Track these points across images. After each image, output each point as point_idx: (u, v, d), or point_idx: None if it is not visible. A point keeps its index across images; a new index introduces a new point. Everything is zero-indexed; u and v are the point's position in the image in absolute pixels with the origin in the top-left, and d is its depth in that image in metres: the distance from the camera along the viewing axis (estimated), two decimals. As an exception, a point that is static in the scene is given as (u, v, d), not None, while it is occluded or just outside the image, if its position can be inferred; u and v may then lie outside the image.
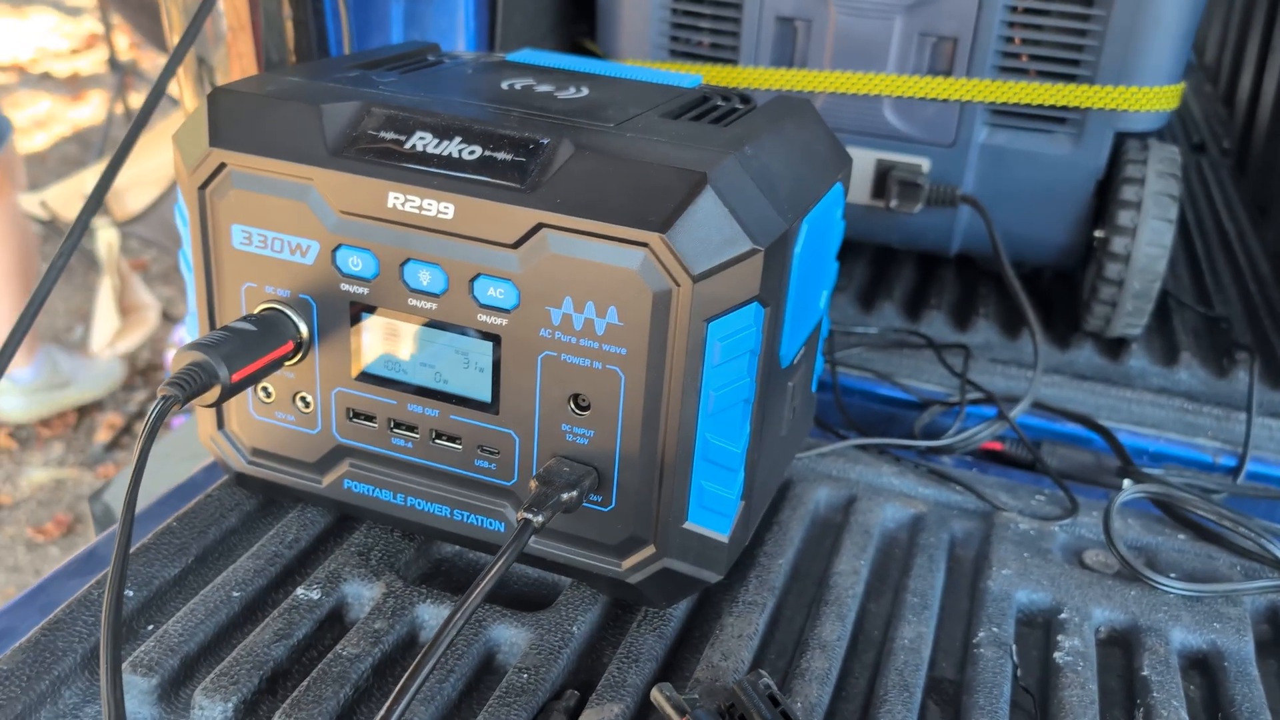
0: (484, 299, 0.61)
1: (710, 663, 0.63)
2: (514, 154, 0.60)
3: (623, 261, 0.57)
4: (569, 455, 0.62)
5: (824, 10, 1.03)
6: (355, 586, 0.68)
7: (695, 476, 0.61)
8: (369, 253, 0.62)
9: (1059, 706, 0.63)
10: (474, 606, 0.53)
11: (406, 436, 0.66)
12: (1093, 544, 0.79)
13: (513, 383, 0.62)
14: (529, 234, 0.58)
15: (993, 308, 1.15)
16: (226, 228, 0.65)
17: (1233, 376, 1.04)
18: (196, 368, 0.58)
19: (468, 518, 0.67)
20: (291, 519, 0.73)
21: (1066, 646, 0.68)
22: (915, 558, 0.76)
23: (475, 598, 0.53)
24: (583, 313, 0.59)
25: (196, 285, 0.67)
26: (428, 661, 0.51)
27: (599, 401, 0.61)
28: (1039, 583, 0.74)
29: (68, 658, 0.61)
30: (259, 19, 0.94)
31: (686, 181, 0.56)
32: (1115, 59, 0.98)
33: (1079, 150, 1.03)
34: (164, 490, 0.83)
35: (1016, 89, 1.01)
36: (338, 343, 0.65)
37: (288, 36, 0.97)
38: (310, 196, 0.62)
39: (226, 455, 0.71)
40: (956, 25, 1.00)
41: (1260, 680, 0.67)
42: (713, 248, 0.56)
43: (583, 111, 0.65)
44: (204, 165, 0.64)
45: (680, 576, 0.64)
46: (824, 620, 0.68)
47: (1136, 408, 1.03)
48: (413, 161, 0.60)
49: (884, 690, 0.63)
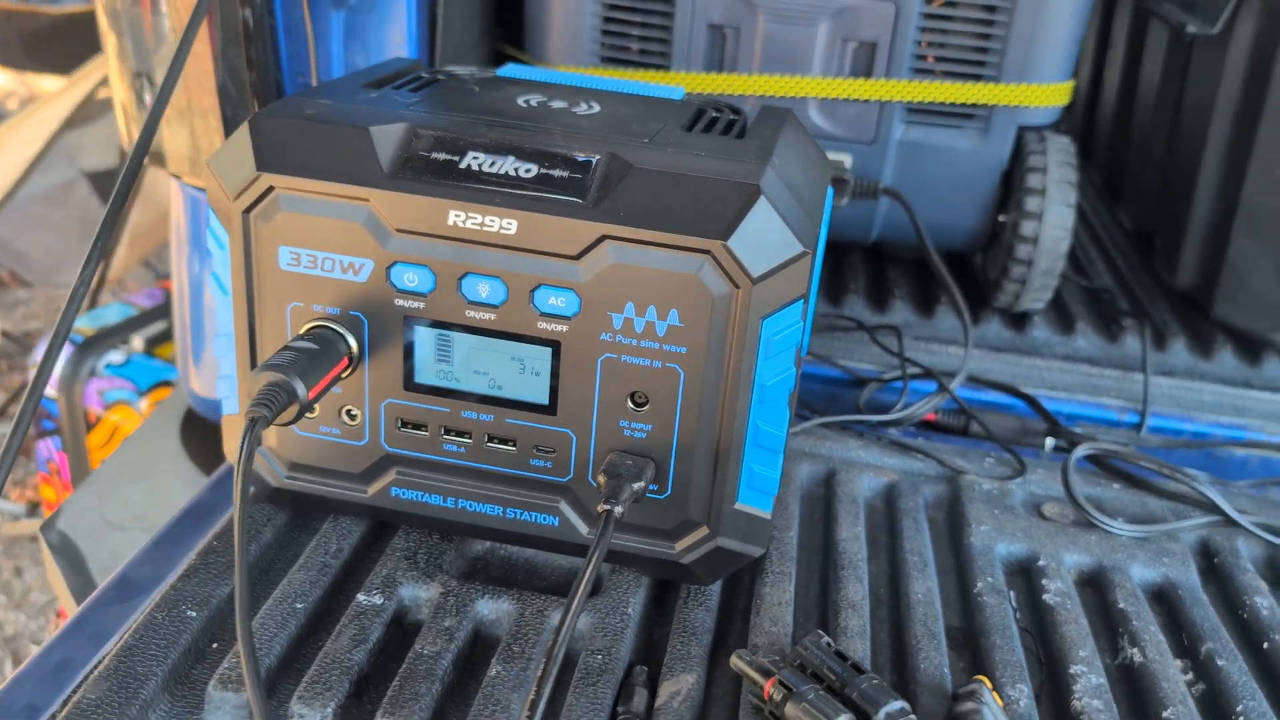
0: (544, 308, 0.64)
1: (762, 629, 0.69)
2: (570, 170, 0.64)
3: (684, 268, 0.62)
4: (626, 449, 0.67)
5: (752, 17, 1.10)
6: (411, 589, 0.70)
7: (746, 460, 0.66)
8: (425, 268, 0.65)
9: (1061, 641, 0.72)
10: (581, 603, 0.57)
11: (459, 442, 0.69)
12: (1046, 498, 0.89)
13: (571, 385, 0.66)
14: (592, 245, 0.62)
15: (905, 290, 1.25)
16: (272, 250, 0.66)
17: (1123, 341, 1.17)
18: (277, 387, 0.60)
19: (521, 515, 0.70)
20: (329, 530, 0.74)
21: (1052, 589, 0.77)
22: (901, 521, 0.84)
23: (581, 595, 0.57)
24: (644, 316, 0.63)
25: (236, 307, 0.68)
26: (553, 666, 0.54)
27: (657, 397, 0.65)
28: (1014, 535, 0.83)
29: (150, 681, 0.61)
30: (214, 31, 0.94)
31: (742, 193, 0.62)
32: (1017, 60, 1.09)
33: (986, 144, 1.13)
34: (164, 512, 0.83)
35: (931, 89, 1.10)
36: (389, 356, 0.67)
37: (241, 51, 0.96)
38: (365, 216, 0.64)
39: (262, 471, 0.73)
40: (876, 30, 1.09)
41: (1210, 604, 0.78)
42: (768, 252, 0.62)
43: (610, 128, 0.70)
44: (250, 190, 0.65)
45: (729, 554, 0.69)
46: (845, 583, 0.75)
47: (1046, 374, 1.14)
48: (471, 180, 0.64)
49: (915, 640, 0.70)
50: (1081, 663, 0.69)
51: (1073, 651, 0.70)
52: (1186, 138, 1.25)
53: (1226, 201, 1.16)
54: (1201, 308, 1.21)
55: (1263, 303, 1.14)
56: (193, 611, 0.66)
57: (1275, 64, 1.07)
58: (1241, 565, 0.83)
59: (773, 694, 0.60)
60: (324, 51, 1.06)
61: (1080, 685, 0.67)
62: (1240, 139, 1.14)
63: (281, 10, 0.98)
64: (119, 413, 1.85)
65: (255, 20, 0.96)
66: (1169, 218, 1.29)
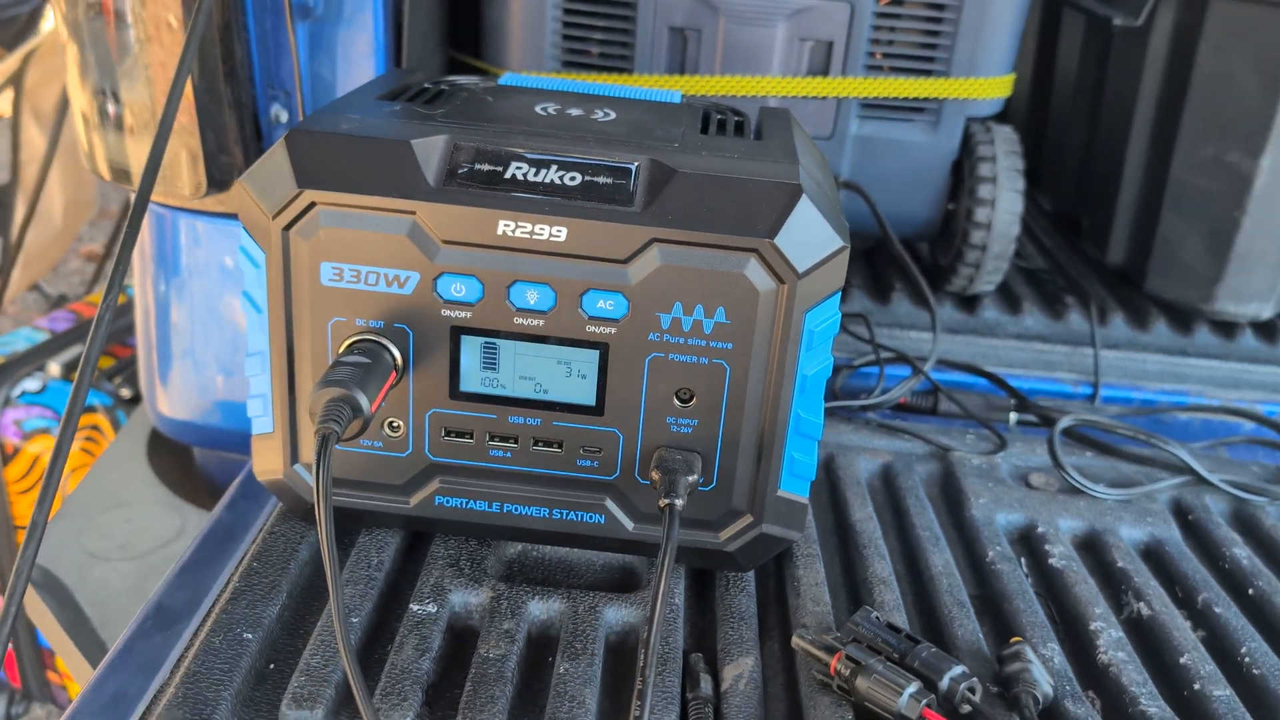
0: (593, 311, 0.66)
1: (806, 610, 0.72)
2: (613, 177, 0.65)
3: (731, 266, 0.64)
4: (672, 444, 0.69)
5: (714, 20, 1.13)
6: (461, 595, 0.71)
7: (788, 449, 0.69)
8: (473, 278, 0.66)
9: (1075, 601, 0.77)
10: (666, 595, 0.59)
11: (505, 447, 0.70)
12: (1030, 469, 0.94)
13: (618, 385, 0.68)
14: (641, 249, 0.64)
15: (860, 279, 1.29)
16: (313, 266, 0.66)
17: (1067, 318, 1.24)
18: (342, 402, 0.61)
19: (567, 515, 0.72)
20: (366, 543, 0.74)
21: (1056, 553, 0.82)
22: (906, 500, 0.88)
23: (664, 587, 0.59)
24: (691, 315, 0.66)
25: (272, 326, 0.68)
26: (649, 666, 0.56)
27: (703, 393, 0.68)
28: (1010, 506, 0.87)
29: (220, 706, 0.61)
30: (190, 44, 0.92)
31: (785, 193, 0.64)
32: (965, 54, 1.14)
33: (936, 135, 1.18)
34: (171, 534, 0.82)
35: (885, 84, 1.15)
36: (434, 366, 0.68)
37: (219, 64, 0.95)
38: (411, 229, 0.65)
39: (299, 488, 0.72)
40: (831, 29, 1.13)
41: (1194, 558, 0.84)
42: (812, 248, 0.64)
43: (636, 133, 0.71)
44: (291, 207, 0.65)
45: (771, 539, 0.72)
46: (870, 561, 0.78)
47: (1001, 353, 1.20)
48: (518, 190, 0.65)
49: (945, 610, 0.74)
50: (1099, 619, 0.74)
51: (1088, 610, 0.75)
52: (1110, 124, 1.32)
53: (1154, 182, 1.24)
54: (1134, 283, 1.29)
55: (1193, 274, 1.22)
56: (249, 634, 0.66)
57: (1196, 52, 1.15)
58: (1214, 520, 0.89)
59: (839, 669, 0.63)
60: (288, 62, 1.05)
61: (1103, 640, 0.72)
62: (1164, 123, 1.22)
63: (254, 22, 0.97)
64: (39, 442, 1.78)
65: (232, 32, 0.94)
66: (1096, 200, 1.37)
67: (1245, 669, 0.72)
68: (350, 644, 0.55)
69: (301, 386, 0.69)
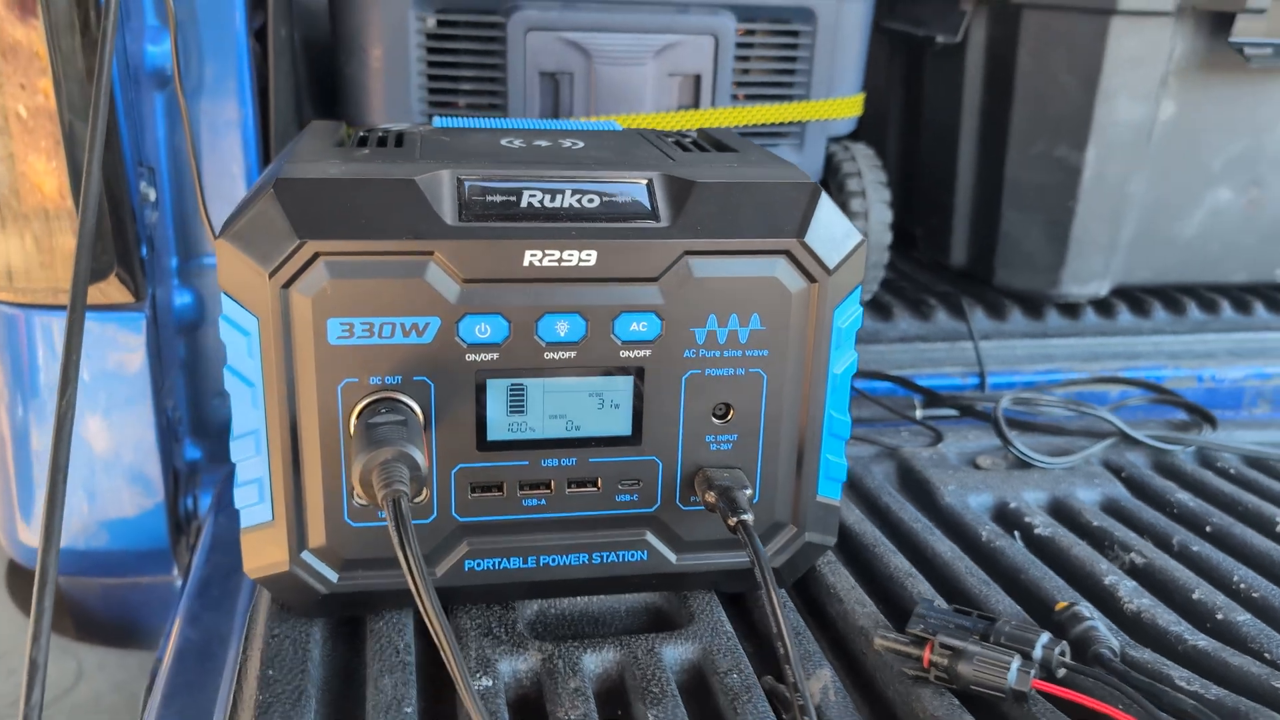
0: (625, 335, 0.63)
1: (856, 614, 0.71)
2: (632, 195, 0.63)
3: (761, 271, 0.63)
4: (713, 464, 0.67)
5: (584, 62, 1.12)
6: (509, 663, 0.65)
7: (823, 451, 0.69)
8: (498, 316, 0.62)
9: (1078, 562, 0.79)
10: (785, 620, 0.57)
11: (539, 495, 0.66)
12: (975, 453, 0.98)
13: (655, 409, 0.65)
14: (672, 264, 0.62)
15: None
16: (319, 324, 0.60)
17: (934, 318, 1.31)
18: (399, 462, 0.55)
19: (608, 557, 0.68)
20: (381, 629, 0.67)
21: (1039, 523, 0.85)
22: (880, 498, 0.89)
23: (780, 611, 0.57)
24: (726, 326, 0.64)
25: (269, 398, 0.61)
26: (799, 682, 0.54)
27: (742, 405, 0.66)
28: (976, 488, 0.90)
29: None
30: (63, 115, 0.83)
31: (805, 192, 0.64)
32: (822, 78, 1.19)
33: (803, 156, 1.23)
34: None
35: (753, 112, 1.18)
36: (458, 418, 0.63)
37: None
38: (428, 271, 0.60)
39: (309, 578, 0.65)
40: (698, 63, 1.15)
41: (1149, 508, 0.90)
42: (837, 243, 0.65)
43: (622, 157, 0.69)
44: (291, 261, 0.59)
45: (813, 548, 0.71)
46: (885, 558, 0.78)
47: (889, 356, 1.25)
48: (539, 219, 0.61)
49: (976, 590, 0.75)
50: (1108, 574, 0.77)
51: (1095, 567, 0.78)
52: (934, 137, 1.42)
53: (990, 184, 1.33)
54: (981, 279, 1.38)
55: (1037, 264, 1.31)
56: (299, 745, 0.58)
57: (1016, 59, 1.25)
58: (1146, 474, 0.96)
59: (935, 659, 0.62)
60: (152, 137, 0.96)
61: (1122, 590, 0.75)
62: (992, 128, 1.31)
63: (120, 92, 0.88)
64: None
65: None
66: (930, 209, 1.45)
67: (1245, 594, 0.77)
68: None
69: (308, 464, 0.63)
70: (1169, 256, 1.36)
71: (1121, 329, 1.33)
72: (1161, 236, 1.34)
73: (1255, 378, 1.28)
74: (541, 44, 1.10)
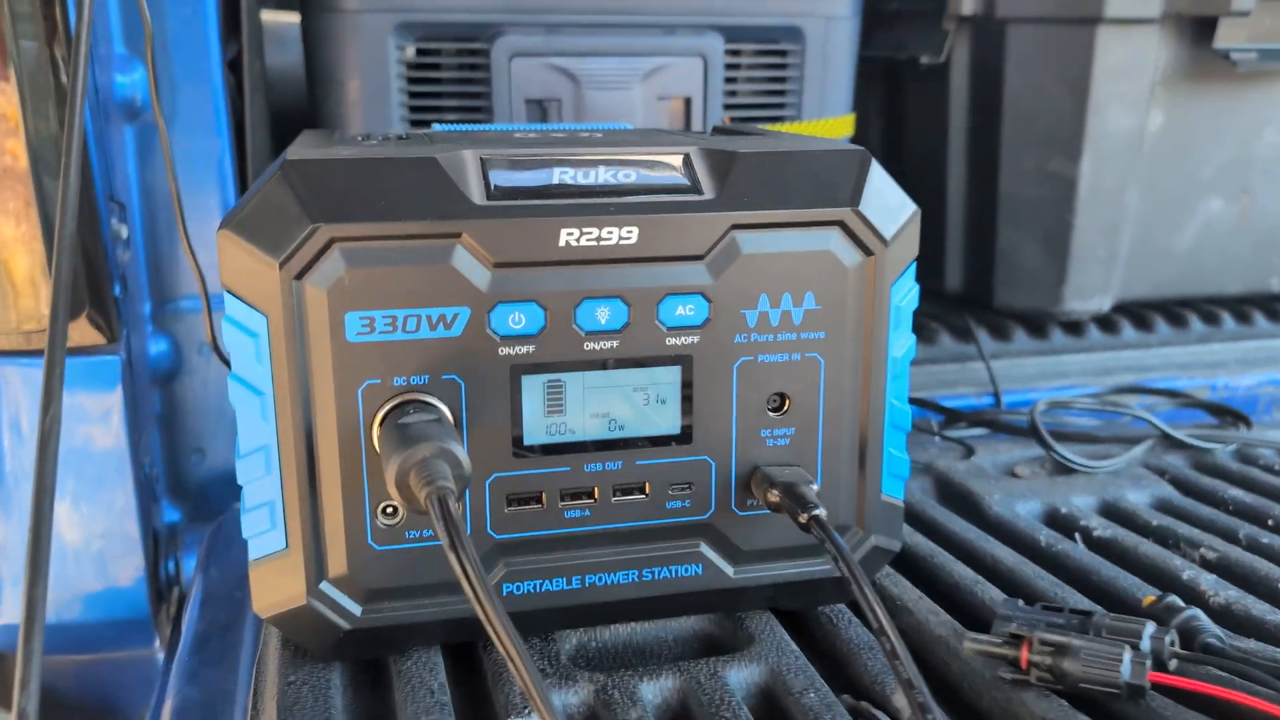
0: (671, 320, 0.58)
1: (930, 622, 0.65)
2: (668, 170, 0.58)
3: (816, 245, 0.59)
4: (770, 462, 0.61)
5: (572, 88, 1.08)
6: (559, 696, 0.58)
7: (886, 445, 0.63)
8: (533, 304, 0.56)
9: (1148, 562, 0.74)
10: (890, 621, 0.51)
11: (582, 505, 0.59)
12: (1011, 463, 0.93)
13: (705, 402, 0.59)
14: (719, 240, 0.57)
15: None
16: (336, 320, 0.54)
17: (939, 342, 1.27)
18: (440, 459, 0.49)
19: (660, 573, 0.61)
20: (410, 670, 0.60)
21: (1097, 525, 0.80)
22: (926, 512, 0.83)
23: (885, 616, 0.51)
24: (779, 306, 0.59)
25: (281, 406, 0.54)
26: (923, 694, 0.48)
27: (798, 395, 0.60)
28: (1023, 496, 0.85)
29: None
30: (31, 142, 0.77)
31: (855, 160, 0.60)
32: (813, 99, 1.16)
33: (797, 179, 1.19)
34: None
35: (745, 134, 1.14)
36: (491, 421, 0.57)
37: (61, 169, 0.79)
38: (456, 256, 0.54)
39: (330, 613, 0.58)
40: (687, 85, 1.12)
41: (1201, 506, 0.85)
42: (892, 213, 0.60)
43: (649, 138, 0.65)
44: (303, 250, 0.53)
45: (880, 552, 0.65)
46: (946, 566, 0.72)
47: (899, 381, 1.20)
48: (574, 196, 0.56)
49: (1053, 593, 0.69)
50: (1185, 569, 0.72)
51: (1169, 564, 0.73)
52: (920, 160, 1.39)
53: (983, 203, 1.31)
54: (980, 302, 1.34)
55: (1038, 281, 1.28)
56: (333, 798, 0.50)
57: (1003, 75, 1.23)
58: (1192, 474, 0.91)
59: (1035, 659, 0.56)
60: (122, 171, 0.90)
61: (1204, 584, 0.70)
62: (982, 146, 1.29)
63: (91, 125, 0.82)
64: None
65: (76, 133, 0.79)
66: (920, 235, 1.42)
67: (1330, 583, 0.72)
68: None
69: (326, 480, 0.56)
70: (1166, 270, 1.33)
71: (1128, 343, 1.30)
72: (1157, 249, 1.31)
73: (1269, 384, 1.25)
74: (527, 70, 1.06)
